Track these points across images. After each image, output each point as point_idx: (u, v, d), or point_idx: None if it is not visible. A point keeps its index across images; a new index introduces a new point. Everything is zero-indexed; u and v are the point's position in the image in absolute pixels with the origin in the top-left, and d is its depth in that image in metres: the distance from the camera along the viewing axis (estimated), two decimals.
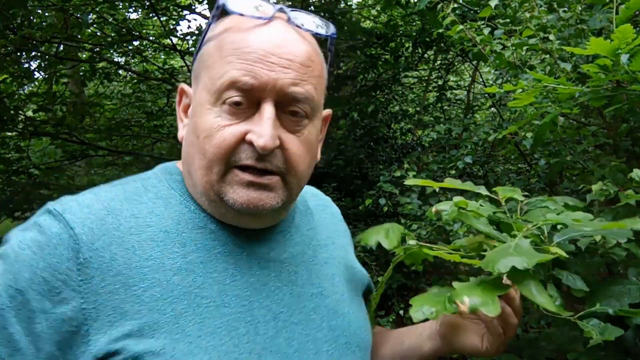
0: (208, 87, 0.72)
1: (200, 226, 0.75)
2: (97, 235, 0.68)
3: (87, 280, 0.65)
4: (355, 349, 0.83)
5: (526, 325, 2.78)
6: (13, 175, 3.94)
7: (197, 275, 0.71)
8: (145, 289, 0.67)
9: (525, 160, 3.37)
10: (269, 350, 0.72)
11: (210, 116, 0.71)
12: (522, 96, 1.18)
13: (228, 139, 0.70)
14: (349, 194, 4.01)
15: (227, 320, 0.70)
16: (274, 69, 0.69)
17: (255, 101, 0.70)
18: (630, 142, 1.76)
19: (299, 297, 0.79)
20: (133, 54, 4.54)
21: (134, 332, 0.65)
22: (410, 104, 5.26)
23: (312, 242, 0.87)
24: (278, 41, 0.70)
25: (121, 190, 0.76)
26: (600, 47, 0.95)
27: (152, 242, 0.71)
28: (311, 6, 4.19)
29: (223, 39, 0.72)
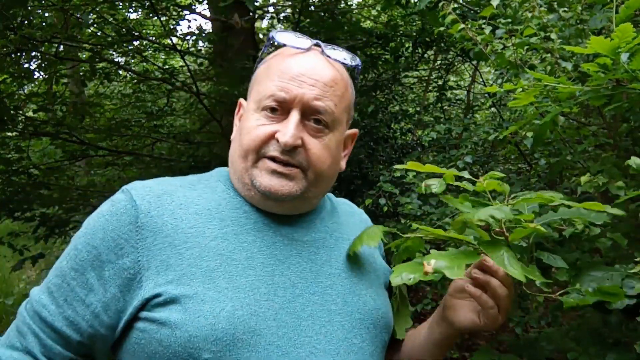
0: (256, 98, 0.93)
1: (237, 207, 0.94)
2: (153, 206, 0.88)
3: (142, 239, 0.85)
4: (369, 326, 0.94)
5: (526, 325, 2.78)
6: (13, 176, 3.94)
7: (230, 243, 0.88)
8: (187, 249, 0.85)
9: (525, 160, 3.37)
10: (285, 310, 0.86)
11: (252, 119, 0.92)
12: (522, 95, 1.18)
13: (260, 135, 0.90)
14: (349, 194, 4.01)
15: (252, 280, 0.85)
16: (303, 86, 0.90)
17: (287, 110, 0.90)
18: (631, 142, 1.76)
19: (317, 273, 0.92)
20: (133, 54, 4.54)
21: (175, 279, 0.82)
22: (410, 104, 5.26)
23: (335, 233, 1.01)
24: (309, 66, 0.92)
25: (179, 180, 0.97)
26: (600, 45, 0.95)
27: (197, 216, 0.89)
28: (311, 6, 4.19)
29: (271, 62, 0.95)
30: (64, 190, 4.35)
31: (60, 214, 4.22)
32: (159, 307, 0.82)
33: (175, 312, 0.81)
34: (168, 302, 0.81)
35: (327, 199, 1.09)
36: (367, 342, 0.92)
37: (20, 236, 4.25)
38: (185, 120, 5.73)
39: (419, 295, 4.01)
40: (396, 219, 3.34)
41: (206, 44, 4.91)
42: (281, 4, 4.88)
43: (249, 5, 3.17)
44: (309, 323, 0.87)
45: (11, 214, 3.99)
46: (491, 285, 0.88)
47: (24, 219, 4.14)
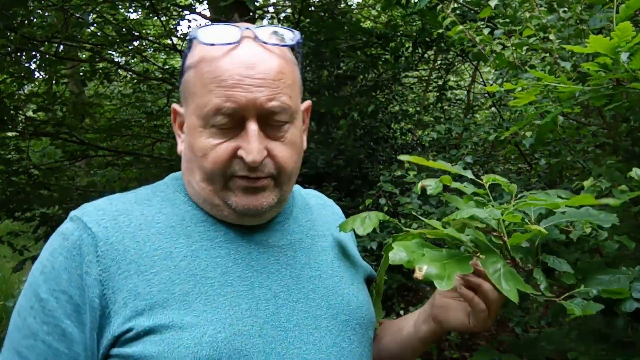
0: (197, 113, 0.81)
1: (203, 220, 0.86)
2: (111, 232, 0.79)
3: (105, 269, 0.76)
4: (356, 326, 0.90)
5: (526, 325, 2.78)
6: (13, 176, 3.93)
7: (202, 260, 0.81)
8: (156, 274, 0.77)
9: (525, 160, 3.37)
10: (270, 323, 0.80)
11: (202, 137, 0.81)
12: (523, 95, 1.18)
13: (222, 156, 0.80)
14: (349, 194, 4.00)
15: (230, 297, 0.79)
16: (250, 90, 0.78)
17: (240, 119, 0.79)
18: (630, 142, 1.76)
19: (298, 279, 0.87)
20: (133, 54, 4.54)
21: (145, 309, 0.75)
22: (410, 104, 5.26)
23: (310, 231, 0.96)
24: (249, 63, 0.79)
25: (133, 195, 0.88)
26: (600, 44, 0.95)
27: (160, 235, 0.81)
28: (311, 6, 4.19)
29: (201, 68, 0.80)
30: (64, 191, 4.35)
31: (60, 214, 4.21)
32: (131, 342, 0.74)
33: (151, 344, 0.73)
34: (141, 335, 0.74)
35: (298, 194, 1.03)
36: (356, 343, 0.89)
37: (20, 236, 4.25)
38: None
39: (419, 295, 4.01)
40: (396, 219, 3.34)
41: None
42: (281, 4, 4.88)
43: (250, 5, 3.17)
44: (296, 334, 0.82)
45: (11, 214, 3.99)
46: (483, 288, 0.85)
47: (24, 219, 4.14)
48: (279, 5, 4.91)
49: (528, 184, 2.77)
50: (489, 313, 0.87)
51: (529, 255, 0.95)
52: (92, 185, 5.09)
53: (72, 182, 4.90)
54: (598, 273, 0.98)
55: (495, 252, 0.84)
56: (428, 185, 0.97)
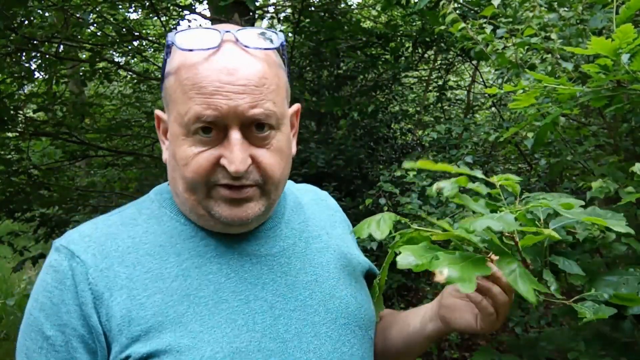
0: (178, 121, 0.78)
1: (192, 235, 0.83)
2: (99, 258, 0.77)
3: (98, 297, 0.75)
4: (355, 329, 0.89)
5: (526, 325, 2.78)
6: (13, 176, 3.93)
7: (194, 279, 0.79)
8: (148, 297, 0.76)
9: (525, 160, 3.37)
10: (268, 336, 0.78)
11: (184, 146, 0.78)
12: (523, 97, 1.18)
13: (204, 165, 0.77)
14: (349, 194, 4.00)
15: (226, 314, 0.77)
16: (231, 97, 0.74)
17: (222, 127, 0.76)
18: (631, 142, 1.76)
19: (293, 286, 0.85)
20: (133, 54, 4.54)
21: (141, 335, 0.73)
22: (410, 104, 5.25)
23: (304, 234, 0.93)
24: (229, 69, 0.75)
25: (118, 217, 0.85)
26: (601, 46, 0.95)
27: (149, 257, 0.79)
28: (311, 6, 4.19)
29: (181, 75, 0.77)
30: (64, 191, 4.35)
31: (60, 214, 4.22)
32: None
33: None
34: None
35: (290, 193, 0.99)
36: (357, 346, 0.88)
37: (20, 236, 4.25)
38: None
39: (419, 296, 4.01)
40: None
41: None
42: (281, 4, 4.88)
43: (250, 5, 3.17)
44: (295, 344, 0.80)
45: (11, 214, 3.99)
46: (492, 292, 0.84)
47: (24, 219, 4.14)
48: (279, 5, 4.91)
49: (528, 184, 2.78)
50: (497, 316, 0.86)
51: (538, 256, 0.94)
52: (92, 185, 5.10)
53: (72, 182, 4.90)
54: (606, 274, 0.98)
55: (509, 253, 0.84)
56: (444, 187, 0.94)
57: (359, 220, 2.87)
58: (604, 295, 0.90)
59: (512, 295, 0.86)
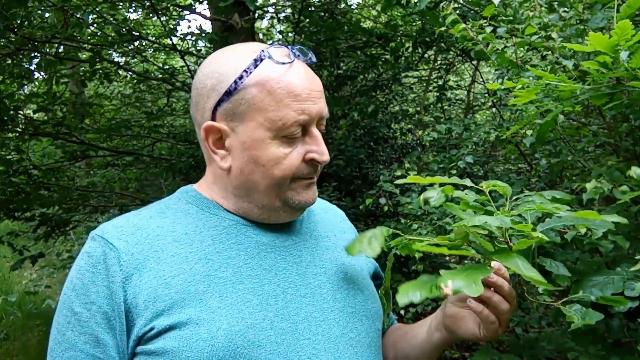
0: (266, 126, 0.87)
1: (215, 225, 0.93)
2: (131, 244, 0.86)
3: (127, 277, 0.84)
4: (362, 318, 0.96)
5: (526, 325, 2.78)
6: (13, 176, 3.94)
7: (215, 262, 0.88)
8: (173, 277, 0.84)
9: (525, 160, 3.37)
10: (280, 316, 0.86)
11: (272, 148, 0.88)
12: (523, 94, 1.18)
13: (295, 163, 0.90)
14: (349, 194, 4.00)
15: (242, 294, 0.86)
16: (316, 102, 0.89)
17: (305, 127, 0.89)
18: (631, 142, 1.75)
19: (304, 276, 0.93)
20: (133, 54, 4.54)
21: (165, 310, 0.82)
22: (410, 104, 5.26)
23: (314, 233, 1.03)
24: (308, 79, 0.89)
25: (147, 211, 0.95)
26: (600, 42, 0.95)
27: (176, 243, 0.89)
28: (311, 6, 4.19)
29: (270, 85, 0.87)
30: (64, 191, 4.35)
31: (60, 214, 4.22)
32: (153, 339, 0.82)
33: (171, 340, 0.80)
34: (162, 332, 0.81)
35: None
36: (363, 334, 0.94)
37: (20, 236, 4.25)
38: (185, 120, 5.73)
39: None
40: (396, 219, 3.34)
41: (206, 44, 4.91)
42: (281, 4, 4.88)
43: (250, 5, 3.17)
44: (304, 325, 0.88)
45: (11, 214, 3.99)
46: (493, 300, 0.87)
47: (23, 219, 4.14)
48: (279, 5, 4.91)
49: (528, 184, 2.77)
50: (500, 324, 0.89)
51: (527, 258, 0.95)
52: (92, 185, 5.10)
53: (72, 183, 4.90)
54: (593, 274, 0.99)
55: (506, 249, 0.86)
56: (430, 197, 1.00)
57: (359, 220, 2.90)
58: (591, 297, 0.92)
59: (514, 303, 0.89)
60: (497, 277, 0.87)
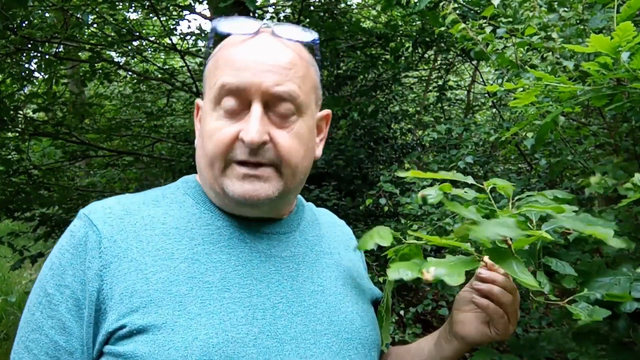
0: (209, 96, 0.84)
1: (208, 223, 0.86)
2: (116, 230, 0.80)
3: (106, 265, 0.77)
4: (358, 346, 0.87)
5: (526, 325, 2.78)
6: (13, 176, 3.93)
7: (202, 264, 0.80)
8: (155, 273, 0.78)
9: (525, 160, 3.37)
10: (265, 333, 0.78)
11: (211, 120, 0.82)
12: (523, 95, 1.18)
13: (224, 138, 0.80)
14: (349, 194, 4.00)
15: (227, 303, 0.78)
16: (257, 74, 0.79)
17: (247, 104, 0.80)
18: (631, 142, 1.76)
19: (299, 292, 0.85)
20: (133, 54, 4.53)
21: (140, 307, 0.75)
22: (410, 104, 5.25)
23: (316, 247, 0.94)
24: (261, 51, 0.81)
25: (142, 196, 0.89)
26: (601, 44, 0.95)
27: (164, 237, 0.82)
28: (311, 6, 4.19)
29: (218, 55, 0.85)
30: (64, 191, 4.35)
31: (60, 214, 4.22)
32: (123, 340, 0.74)
33: (141, 344, 0.73)
34: (134, 334, 0.74)
35: (309, 209, 1.01)
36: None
37: (20, 236, 4.25)
38: (185, 120, 5.72)
39: (419, 296, 4.01)
40: (396, 219, 3.34)
41: (206, 44, 4.91)
42: (281, 4, 4.88)
43: (250, 5, 3.17)
44: (292, 347, 0.79)
45: (11, 214, 3.99)
46: (494, 292, 0.84)
47: (23, 219, 4.14)
48: (279, 5, 4.91)
49: (528, 184, 2.77)
50: (509, 318, 0.86)
51: (532, 258, 0.95)
52: (92, 185, 5.09)
53: (72, 183, 4.90)
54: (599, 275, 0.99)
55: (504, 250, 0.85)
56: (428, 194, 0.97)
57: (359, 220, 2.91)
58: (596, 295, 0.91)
59: (517, 295, 0.86)
60: (489, 272, 0.84)
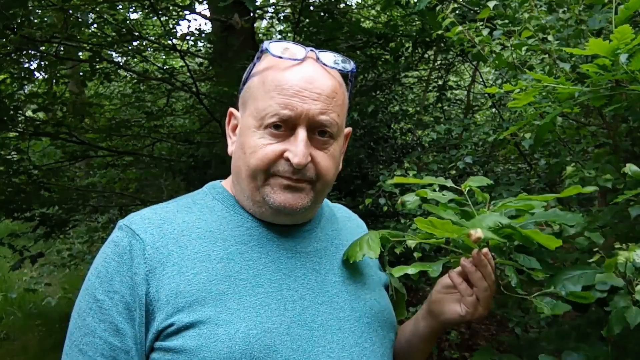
0: (254, 114, 0.90)
1: (239, 225, 0.94)
2: (157, 237, 0.88)
3: (151, 270, 0.85)
4: (377, 328, 0.97)
5: (526, 325, 2.78)
6: (13, 176, 3.94)
7: (236, 263, 0.89)
8: (195, 274, 0.86)
9: (525, 160, 3.37)
10: (296, 322, 0.88)
11: (255, 137, 0.90)
12: (522, 96, 1.18)
13: (269, 155, 0.89)
14: (349, 194, 4.01)
15: (261, 297, 0.87)
16: (306, 102, 0.88)
17: (292, 126, 0.89)
18: (630, 142, 1.76)
19: (322, 283, 0.94)
20: (133, 54, 4.54)
21: (186, 306, 0.83)
22: (410, 104, 5.26)
23: (335, 240, 1.04)
24: (309, 78, 0.89)
25: (174, 205, 0.96)
26: (599, 47, 0.95)
27: (200, 240, 0.90)
28: (311, 6, 4.19)
29: (266, 75, 0.91)
30: (64, 191, 4.35)
31: (60, 214, 4.22)
32: (172, 336, 0.82)
33: (189, 338, 0.81)
34: (181, 330, 0.82)
35: (325, 205, 1.10)
36: (377, 344, 0.96)
37: (20, 237, 4.26)
38: (185, 120, 5.73)
39: (419, 296, 4.02)
40: (396, 219, 3.34)
41: (206, 44, 4.92)
42: (281, 4, 4.88)
43: (249, 5, 3.17)
44: (320, 333, 0.89)
45: (11, 215, 3.99)
46: (474, 276, 0.93)
47: (23, 219, 4.14)
48: (279, 5, 4.91)
49: (528, 184, 2.77)
50: (479, 301, 0.94)
51: (503, 255, 1.02)
52: (92, 185, 5.10)
53: (72, 183, 4.91)
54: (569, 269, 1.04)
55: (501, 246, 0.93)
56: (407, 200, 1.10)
57: None
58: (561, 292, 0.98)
59: (493, 286, 0.95)
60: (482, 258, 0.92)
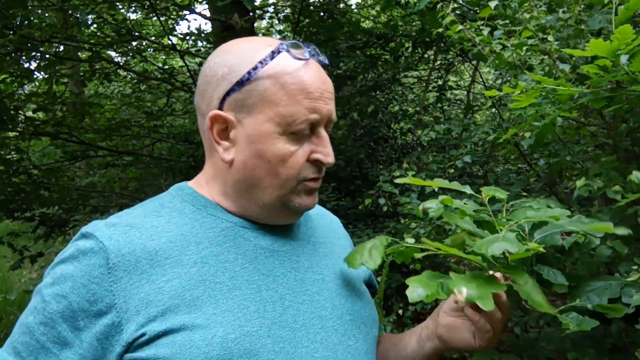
0: (276, 120, 0.85)
1: (212, 226, 0.89)
2: (122, 244, 0.81)
3: (116, 280, 0.79)
4: (360, 325, 0.94)
5: (526, 325, 2.78)
6: (13, 176, 3.94)
7: (211, 266, 0.84)
8: (167, 282, 0.80)
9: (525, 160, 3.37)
10: (277, 324, 0.84)
11: (279, 144, 0.86)
12: (522, 98, 1.18)
13: (300, 161, 0.87)
14: (349, 194, 4.01)
15: (239, 300, 0.83)
16: (328, 103, 0.88)
17: (313, 127, 0.88)
18: (630, 143, 1.76)
19: (302, 282, 0.91)
20: (133, 54, 4.53)
21: (158, 315, 0.78)
22: (410, 104, 5.25)
23: (312, 238, 1.01)
24: (321, 78, 0.88)
25: (141, 209, 0.90)
26: (600, 48, 0.95)
27: (171, 244, 0.84)
28: (311, 6, 4.19)
29: (282, 79, 0.85)
30: (64, 191, 4.35)
31: (60, 214, 4.22)
32: (144, 346, 0.77)
33: (163, 347, 0.76)
34: (154, 339, 0.77)
35: None
36: (361, 341, 0.93)
37: (20, 236, 4.26)
38: (185, 120, 5.73)
39: None
40: (396, 219, 3.34)
41: (206, 44, 4.91)
42: (281, 4, 4.88)
43: (248, 5, 3.17)
44: (303, 333, 0.85)
45: (11, 215, 3.99)
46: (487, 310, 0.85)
47: (23, 219, 4.14)
48: (279, 5, 4.91)
49: (528, 184, 2.78)
50: (494, 333, 0.88)
51: (524, 266, 0.96)
52: (92, 185, 5.10)
53: (72, 183, 4.90)
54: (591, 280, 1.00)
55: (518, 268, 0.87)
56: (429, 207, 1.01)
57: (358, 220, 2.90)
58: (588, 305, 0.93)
59: (508, 313, 0.89)
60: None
